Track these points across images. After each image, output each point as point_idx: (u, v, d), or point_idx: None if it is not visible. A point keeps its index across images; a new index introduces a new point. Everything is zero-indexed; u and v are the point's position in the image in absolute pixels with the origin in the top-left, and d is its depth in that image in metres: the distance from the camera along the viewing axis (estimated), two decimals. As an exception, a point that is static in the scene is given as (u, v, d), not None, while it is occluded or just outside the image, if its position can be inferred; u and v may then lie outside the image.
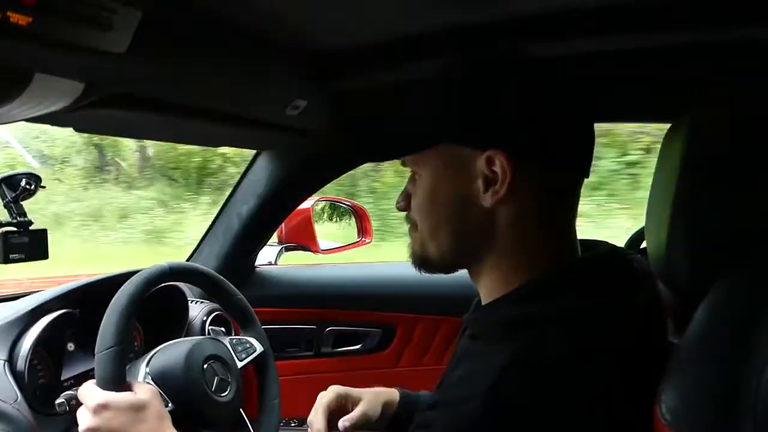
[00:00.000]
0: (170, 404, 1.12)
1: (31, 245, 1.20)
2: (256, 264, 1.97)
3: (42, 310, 1.30)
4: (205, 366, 1.20)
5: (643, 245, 1.04)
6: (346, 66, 1.32)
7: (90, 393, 1.05)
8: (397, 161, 0.90)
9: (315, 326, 1.87)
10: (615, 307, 0.76)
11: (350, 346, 1.87)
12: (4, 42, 0.67)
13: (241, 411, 1.30)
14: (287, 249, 2.07)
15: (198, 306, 1.65)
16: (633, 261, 0.84)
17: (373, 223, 2.29)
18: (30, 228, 1.22)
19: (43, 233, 1.23)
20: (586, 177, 0.84)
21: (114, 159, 8.10)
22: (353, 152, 1.63)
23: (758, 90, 1.24)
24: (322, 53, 1.30)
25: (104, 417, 1.02)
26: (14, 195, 1.21)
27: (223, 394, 1.21)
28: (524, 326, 0.75)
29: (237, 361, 1.28)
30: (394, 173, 6.09)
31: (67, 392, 1.12)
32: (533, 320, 0.75)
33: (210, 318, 1.63)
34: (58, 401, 1.11)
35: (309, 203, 2.00)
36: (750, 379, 0.59)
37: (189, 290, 1.66)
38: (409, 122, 0.87)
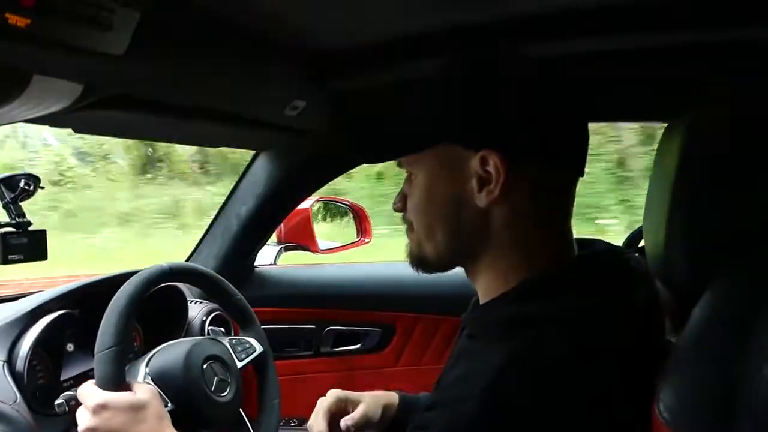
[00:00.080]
0: (170, 404, 1.12)
1: (30, 246, 1.20)
2: (256, 264, 1.97)
3: (41, 311, 1.30)
4: (205, 366, 1.20)
5: (641, 244, 1.04)
6: (345, 66, 1.32)
7: (89, 393, 1.05)
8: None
9: (314, 326, 1.87)
10: (614, 307, 0.76)
11: (350, 346, 1.87)
12: (3, 43, 0.67)
13: (241, 411, 1.30)
14: (286, 249, 2.07)
15: (197, 306, 1.65)
16: (630, 260, 0.84)
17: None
18: (29, 229, 1.22)
19: (42, 234, 1.23)
20: (582, 176, 0.84)
21: (165, 155, 7.95)
22: (352, 152, 1.63)
23: (758, 90, 1.24)
24: (321, 53, 1.30)
25: (104, 417, 1.02)
26: (13, 196, 1.21)
27: (223, 394, 1.21)
28: (522, 325, 0.75)
29: (236, 361, 1.28)
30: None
31: (67, 393, 1.12)
32: (532, 319, 0.75)
33: (209, 318, 1.63)
34: (58, 402, 1.11)
35: (308, 203, 2.00)
36: (748, 378, 0.59)
37: (188, 290, 1.66)
38: (408, 122, 0.87)
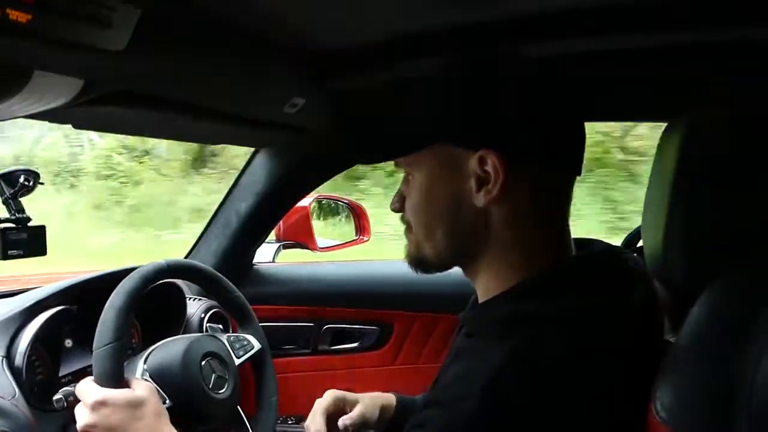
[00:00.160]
0: (168, 401, 1.13)
1: (30, 241, 1.20)
2: (254, 261, 1.97)
3: (40, 307, 1.30)
4: (203, 363, 1.20)
5: (640, 244, 1.04)
6: (345, 65, 1.32)
7: (88, 390, 1.05)
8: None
9: (312, 324, 1.87)
10: (613, 307, 0.76)
11: (347, 344, 1.87)
12: (4, 39, 0.67)
13: (239, 408, 1.31)
14: (285, 247, 2.07)
15: (196, 303, 1.66)
16: (628, 260, 0.84)
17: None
18: (28, 224, 1.22)
19: (42, 230, 1.23)
20: (579, 175, 0.84)
21: (221, 149, 7.87)
22: (351, 152, 1.63)
23: (758, 90, 1.24)
24: (321, 52, 1.30)
25: (102, 414, 1.03)
26: (12, 191, 1.21)
27: (221, 391, 1.21)
28: (522, 324, 0.75)
29: (234, 359, 1.28)
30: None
31: (65, 389, 1.12)
32: (531, 318, 0.75)
33: (208, 315, 1.63)
34: (56, 397, 1.11)
35: (307, 201, 2.00)
36: (747, 378, 0.59)
37: (187, 287, 1.66)
38: (406, 122, 0.87)
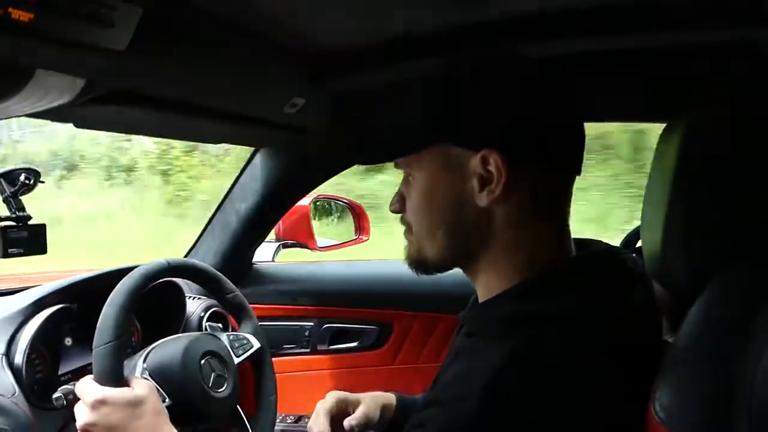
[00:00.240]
0: (167, 400, 1.13)
1: (30, 240, 1.20)
2: (254, 261, 1.97)
3: (40, 305, 1.30)
4: (202, 362, 1.20)
5: (639, 244, 1.04)
6: (345, 65, 1.32)
7: (87, 388, 1.05)
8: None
9: (312, 323, 1.87)
10: (613, 307, 0.76)
11: (347, 344, 1.87)
12: (6, 38, 0.67)
13: (238, 407, 1.31)
14: (285, 246, 2.07)
15: (195, 302, 1.66)
16: (627, 260, 0.84)
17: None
18: (29, 223, 1.22)
19: (42, 228, 1.23)
20: (579, 174, 0.84)
21: None
22: (350, 152, 1.63)
23: (758, 90, 1.24)
24: (321, 52, 1.30)
25: (102, 412, 1.03)
26: (13, 190, 1.21)
27: (220, 390, 1.21)
28: (522, 324, 0.75)
29: (234, 358, 1.28)
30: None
31: (65, 387, 1.12)
32: (532, 318, 0.75)
33: (207, 314, 1.64)
34: (56, 396, 1.11)
35: (307, 201, 2.00)
36: (745, 377, 0.60)
37: (186, 286, 1.66)
38: (406, 122, 0.87)
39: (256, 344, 1.34)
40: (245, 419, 1.34)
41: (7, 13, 0.63)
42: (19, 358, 1.22)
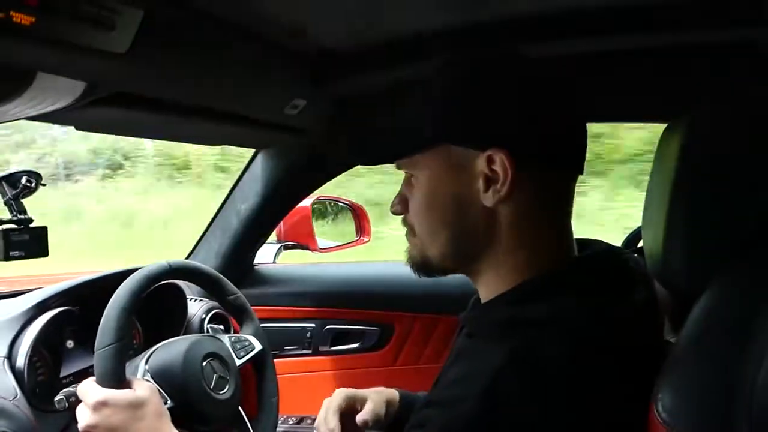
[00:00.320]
0: (169, 402, 1.13)
1: (32, 243, 1.20)
2: (255, 262, 1.97)
3: (42, 308, 1.30)
4: (204, 364, 1.20)
5: (640, 244, 1.04)
6: (346, 66, 1.32)
7: (89, 390, 1.05)
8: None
9: (313, 324, 1.87)
10: (614, 307, 0.76)
11: (348, 345, 1.87)
12: (7, 41, 0.67)
13: (240, 409, 1.31)
14: (286, 247, 2.07)
15: (197, 304, 1.66)
16: (629, 260, 0.84)
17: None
18: (30, 225, 1.22)
19: (43, 231, 1.23)
20: (581, 174, 0.84)
21: None
22: (352, 154, 1.63)
23: (758, 90, 1.24)
24: (322, 53, 1.30)
25: (103, 414, 1.03)
26: (15, 192, 1.22)
27: (222, 392, 1.21)
28: (523, 325, 0.75)
29: (236, 359, 1.28)
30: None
31: (67, 389, 1.12)
32: (532, 319, 0.75)
33: (209, 316, 1.64)
34: (58, 398, 1.11)
35: (307, 202, 2.01)
36: (746, 378, 0.60)
37: (188, 288, 1.66)
38: (409, 123, 0.86)
39: (258, 346, 1.34)
40: (247, 421, 1.34)
41: (9, 17, 0.64)
42: (21, 361, 1.22)
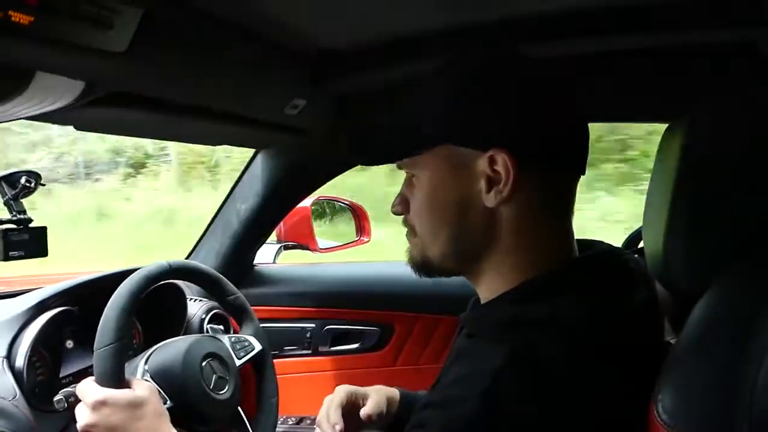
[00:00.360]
0: (168, 402, 1.13)
1: (31, 242, 1.20)
2: (255, 262, 1.97)
3: (41, 308, 1.30)
4: (204, 364, 1.20)
5: (641, 245, 1.04)
6: (346, 66, 1.32)
7: (88, 390, 1.05)
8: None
9: (313, 325, 1.87)
10: (614, 308, 0.76)
11: (348, 345, 1.87)
12: (6, 41, 0.67)
13: (239, 409, 1.31)
14: (286, 248, 2.07)
15: (197, 304, 1.66)
16: (629, 261, 0.84)
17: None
18: (30, 225, 1.22)
19: (43, 231, 1.23)
20: (583, 174, 0.84)
21: None
22: (351, 153, 1.63)
23: (758, 90, 1.24)
24: (322, 53, 1.30)
25: (103, 414, 1.03)
26: (14, 193, 1.21)
27: (221, 392, 1.21)
28: (523, 325, 0.75)
29: (235, 359, 1.28)
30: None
31: (66, 389, 1.12)
32: (532, 320, 0.75)
33: (209, 316, 1.64)
34: (57, 398, 1.11)
35: (308, 202, 2.00)
36: (746, 378, 0.59)
37: (188, 288, 1.66)
38: (410, 123, 0.86)
39: (258, 346, 1.34)
40: (246, 421, 1.34)
41: (7, 16, 0.63)
42: (21, 361, 1.22)
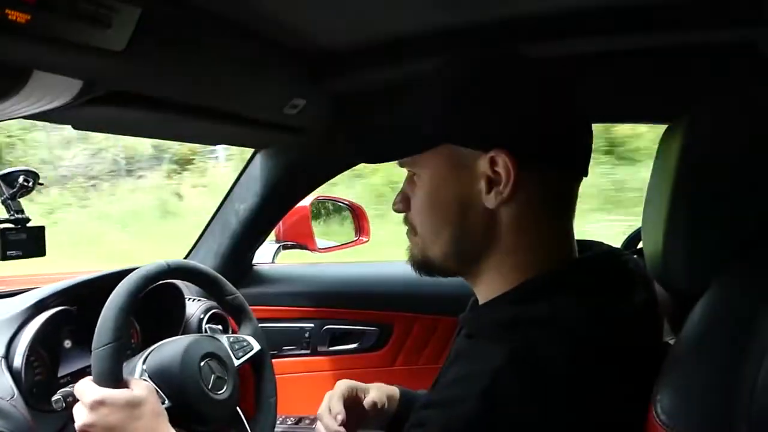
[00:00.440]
0: (167, 401, 1.12)
1: (29, 242, 1.20)
2: (254, 262, 1.97)
3: (39, 307, 1.30)
4: (202, 364, 1.20)
5: (640, 246, 1.04)
6: (346, 65, 1.32)
7: (86, 390, 1.05)
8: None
9: (312, 324, 1.87)
10: (613, 309, 0.76)
11: (347, 345, 1.87)
12: (3, 39, 0.67)
13: (238, 409, 1.30)
14: (285, 247, 2.07)
15: (195, 304, 1.66)
16: (629, 262, 0.84)
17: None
18: (28, 225, 1.21)
19: (41, 230, 1.23)
20: (585, 176, 0.83)
21: None
22: (351, 153, 1.63)
23: (758, 90, 1.24)
24: (322, 52, 1.30)
25: (101, 413, 1.02)
26: (12, 192, 1.21)
27: (220, 392, 1.21)
28: (522, 326, 0.75)
29: (234, 359, 1.28)
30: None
31: (64, 389, 1.12)
32: (531, 320, 0.75)
33: (207, 316, 1.63)
34: (55, 398, 1.11)
35: (307, 202, 2.00)
36: (746, 378, 0.59)
37: (186, 288, 1.66)
38: (409, 123, 0.86)
39: (256, 346, 1.34)
40: (245, 421, 1.34)
41: (4, 14, 0.63)
42: (19, 361, 1.21)
